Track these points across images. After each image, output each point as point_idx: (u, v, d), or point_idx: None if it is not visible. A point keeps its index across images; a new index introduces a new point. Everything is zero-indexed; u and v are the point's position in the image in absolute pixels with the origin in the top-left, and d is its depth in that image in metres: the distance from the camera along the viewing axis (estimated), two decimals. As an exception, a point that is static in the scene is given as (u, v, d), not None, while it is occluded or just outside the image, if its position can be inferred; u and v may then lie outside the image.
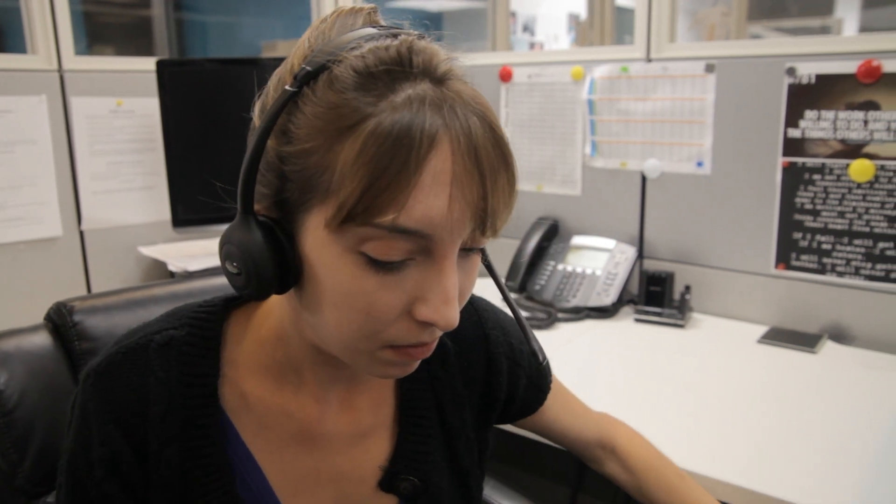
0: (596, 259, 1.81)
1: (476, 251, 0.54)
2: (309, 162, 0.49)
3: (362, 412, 0.65)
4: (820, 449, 1.10)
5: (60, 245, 1.81)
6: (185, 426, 0.58)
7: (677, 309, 1.66)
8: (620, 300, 1.76)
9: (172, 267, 1.81)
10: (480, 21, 3.95)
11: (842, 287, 1.54)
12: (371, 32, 0.51)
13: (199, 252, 1.90)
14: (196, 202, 1.79)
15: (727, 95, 1.65)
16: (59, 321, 0.84)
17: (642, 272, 1.72)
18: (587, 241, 1.85)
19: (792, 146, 1.57)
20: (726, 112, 1.66)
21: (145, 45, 3.18)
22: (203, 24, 3.64)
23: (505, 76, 2.00)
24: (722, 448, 1.10)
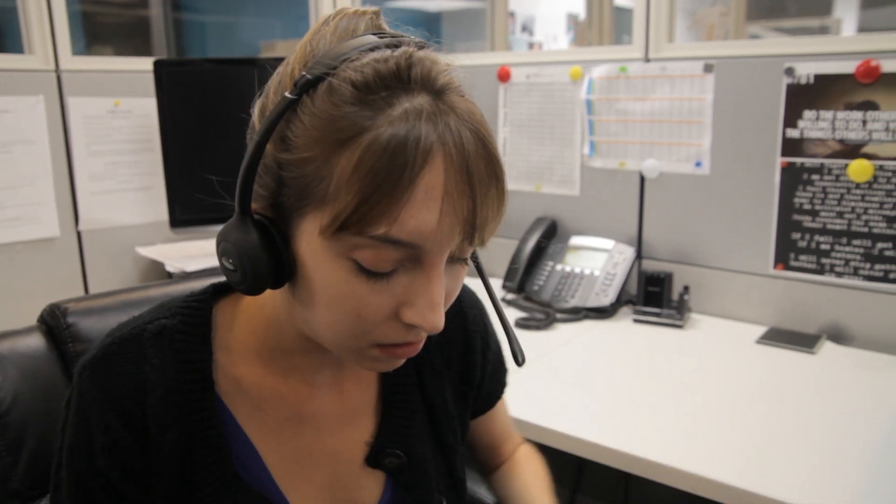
0: (594, 259, 1.80)
1: (463, 260, 0.56)
2: (306, 170, 0.51)
3: (350, 393, 0.68)
4: (818, 449, 1.09)
5: (58, 245, 1.81)
6: (183, 411, 0.60)
7: (676, 309, 1.66)
8: (619, 300, 1.75)
9: (170, 267, 1.81)
10: (479, 21, 3.95)
11: (840, 287, 1.54)
12: (371, 41, 0.52)
13: (197, 252, 1.90)
14: (194, 203, 1.79)
15: (726, 95, 1.65)
16: (53, 323, 0.84)
17: (641, 272, 1.71)
18: (586, 242, 1.85)
19: (790, 146, 1.57)
20: (725, 112, 1.66)
21: (144, 46, 3.17)
22: (201, 25, 3.63)
23: (503, 76, 2.00)
24: (720, 448, 1.10)
